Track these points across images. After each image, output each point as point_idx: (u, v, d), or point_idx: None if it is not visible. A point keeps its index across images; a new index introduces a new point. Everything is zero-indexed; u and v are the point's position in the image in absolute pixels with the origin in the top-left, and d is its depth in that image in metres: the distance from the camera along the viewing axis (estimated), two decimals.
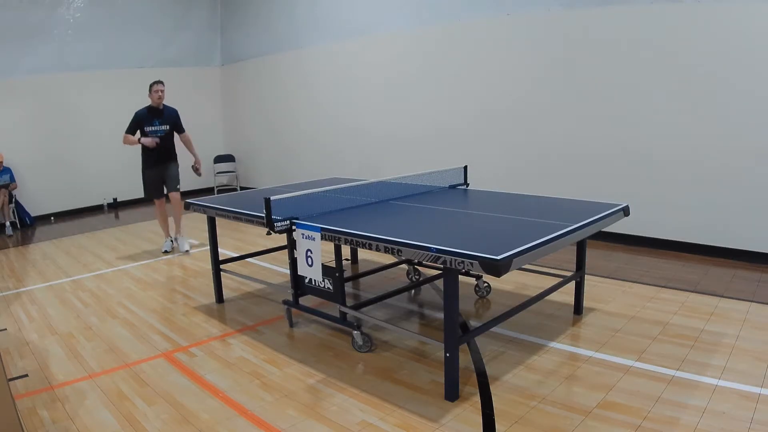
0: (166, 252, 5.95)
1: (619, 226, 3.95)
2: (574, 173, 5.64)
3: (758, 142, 4.47)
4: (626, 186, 5.23)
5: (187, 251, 5.95)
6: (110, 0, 9.00)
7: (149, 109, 5.65)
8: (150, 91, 5.62)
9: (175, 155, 5.89)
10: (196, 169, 6.03)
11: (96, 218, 8.57)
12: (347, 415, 2.62)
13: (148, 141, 5.56)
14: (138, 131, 5.62)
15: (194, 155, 5.99)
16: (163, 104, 5.72)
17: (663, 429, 2.38)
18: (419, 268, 4.66)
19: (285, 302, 3.74)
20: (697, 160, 4.83)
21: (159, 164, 5.76)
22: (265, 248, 4.95)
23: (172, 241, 6.13)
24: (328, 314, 3.50)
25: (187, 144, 5.97)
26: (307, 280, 3.49)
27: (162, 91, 5.60)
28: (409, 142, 7.22)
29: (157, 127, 5.66)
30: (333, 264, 3.28)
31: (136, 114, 5.62)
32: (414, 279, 4.61)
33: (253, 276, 4.69)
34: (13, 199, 8.04)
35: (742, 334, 3.27)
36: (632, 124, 5.19)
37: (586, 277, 3.85)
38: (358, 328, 3.33)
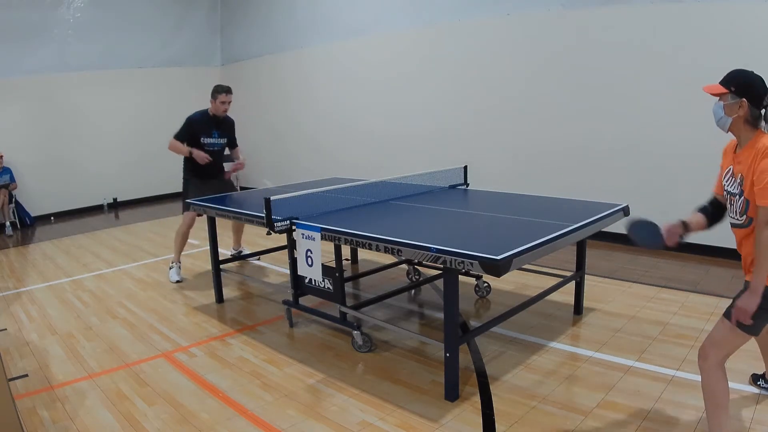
0: (178, 281, 4.91)
1: (619, 226, 3.93)
2: (574, 173, 5.63)
3: None
4: (627, 185, 5.22)
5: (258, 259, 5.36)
6: (110, 0, 9.01)
7: (207, 116, 4.77)
8: (214, 98, 4.72)
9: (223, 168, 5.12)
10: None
11: (96, 218, 8.57)
12: (347, 415, 2.62)
13: (202, 156, 4.65)
14: (186, 141, 4.70)
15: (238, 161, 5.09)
16: None
17: (663, 429, 2.38)
18: (419, 268, 4.66)
19: (285, 302, 3.74)
20: (698, 159, 4.81)
21: (210, 177, 4.88)
22: (265, 248, 4.95)
23: (238, 251, 5.44)
24: (328, 314, 3.50)
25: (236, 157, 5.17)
26: (307, 280, 3.49)
27: (229, 104, 4.77)
28: (409, 142, 7.22)
29: (215, 139, 4.81)
30: (333, 264, 3.28)
31: (191, 120, 4.72)
32: (414, 279, 4.61)
33: (253, 276, 4.69)
34: (13, 199, 8.05)
35: None
36: (633, 124, 5.18)
37: (586, 277, 3.85)
38: (358, 328, 3.33)
